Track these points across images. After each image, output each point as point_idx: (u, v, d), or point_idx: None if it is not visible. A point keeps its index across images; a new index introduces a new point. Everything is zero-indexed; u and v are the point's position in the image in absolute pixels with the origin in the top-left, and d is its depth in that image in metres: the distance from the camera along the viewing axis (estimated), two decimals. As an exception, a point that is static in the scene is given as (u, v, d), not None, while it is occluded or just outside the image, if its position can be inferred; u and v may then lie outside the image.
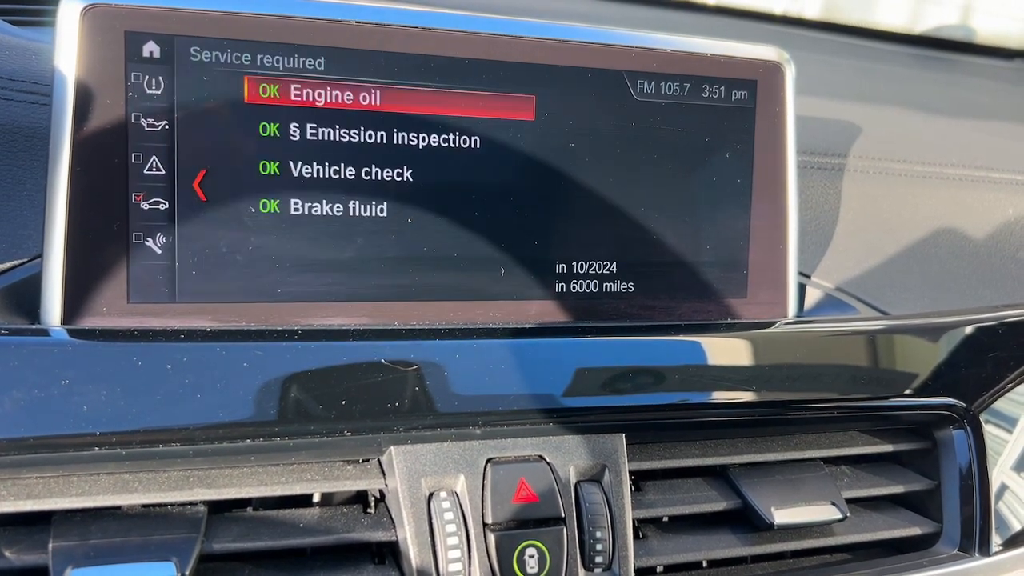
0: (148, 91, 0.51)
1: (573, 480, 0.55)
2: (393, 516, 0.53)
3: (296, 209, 0.54)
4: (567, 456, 0.55)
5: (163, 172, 0.52)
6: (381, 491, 0.54)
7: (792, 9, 1.36)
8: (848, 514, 0.61)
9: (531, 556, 0.52)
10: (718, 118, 0.64)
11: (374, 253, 0.56)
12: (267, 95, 0.53)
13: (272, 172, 0.54)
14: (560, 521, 0.54)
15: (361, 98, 0.55)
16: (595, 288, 0.61)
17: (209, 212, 0.53)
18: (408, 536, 0.51)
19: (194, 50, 0.52)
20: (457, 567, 0.51)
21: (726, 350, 0.59)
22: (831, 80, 1.13)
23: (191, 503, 0.50)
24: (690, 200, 0.63)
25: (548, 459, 0.55)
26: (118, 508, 0.49)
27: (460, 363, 0.52)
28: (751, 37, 1.21)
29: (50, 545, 0.45)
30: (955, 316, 0.68)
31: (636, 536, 0.58)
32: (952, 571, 0.65)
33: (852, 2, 1.40)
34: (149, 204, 0.52)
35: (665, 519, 0.61)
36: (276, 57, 0.53)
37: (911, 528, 0.66)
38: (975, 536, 0.66)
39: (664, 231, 0.63)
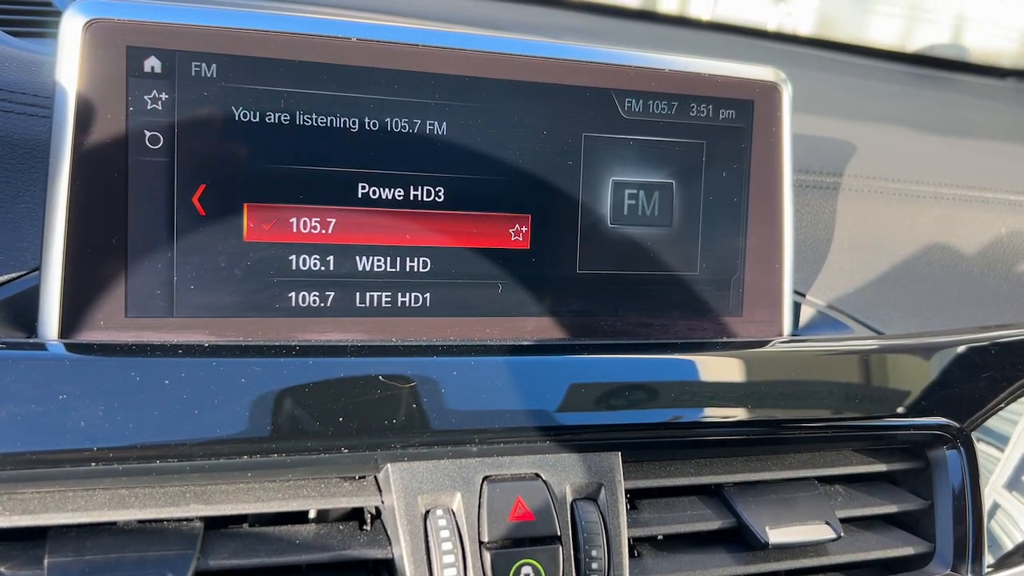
0: (149, 106, 0.51)
1: (569, 498, 0.55)
2: (389, 533, 0.52)
3: (294, 225, 0.54)
4: (563, 474, 0.55)
5: (163, 186, 0.52)
6: (377, 508, 0.54)
7: (786, 26, 1.37)
8: (842, 533, 0.61)
9: (527, 575, 0.52)
10: (715, 137, 0.64)
11: (372, 269, 0.56)
12: (268, 111, 0.53)
13: (271, 187, 0.54)
14: (556, 539, 0.53)
15: (363, 115, 0.55)
16: (592, 305, 0.61)
17: (208, 227, 0.53)
18: (404, 554, 0.51)
19: (195, 66, 0.52)
20: (453, 585, 0.51)
21: (721, 368, 0.59)
22: (824, 97, 1.14)
23: (187, 519, 0.49)
24: (685, 219, 0.63)
25: (544, 477, 0.55)
26: (114, 524, 0.48)
27: (457, 380, 0.52)
28: (744, 53, 1.22)
29: (46, 561, 0.45)
30: (948, 336, 0.69)
31: (631, 554, 0.58)
32: (944, 591, 0.65)
33: (845, 19, 1.41)
34: (148, 218, 0.52)
35: (660, 537, 0.61)
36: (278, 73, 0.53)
37: (904, 548, 0.66)
38: (968, 556, 0.66)
39: (660, 249, 0.63)
